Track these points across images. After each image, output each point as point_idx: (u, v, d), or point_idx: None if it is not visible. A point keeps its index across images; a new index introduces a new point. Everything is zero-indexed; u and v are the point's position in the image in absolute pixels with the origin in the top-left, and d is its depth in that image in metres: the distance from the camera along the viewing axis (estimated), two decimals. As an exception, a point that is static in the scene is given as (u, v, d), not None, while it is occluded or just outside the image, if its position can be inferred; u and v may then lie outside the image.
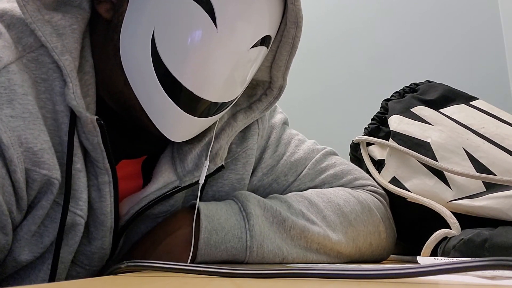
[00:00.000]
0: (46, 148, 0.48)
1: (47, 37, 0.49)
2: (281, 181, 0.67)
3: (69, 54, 0.49)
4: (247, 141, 0.64)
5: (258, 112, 0.62)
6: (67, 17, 0.51)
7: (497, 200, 0.60)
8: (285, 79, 0.61)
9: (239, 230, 0.54)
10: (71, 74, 0.49)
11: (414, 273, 0.29)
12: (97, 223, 0.52)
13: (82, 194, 0.50)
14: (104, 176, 0.51)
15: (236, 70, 0.52)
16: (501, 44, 1.23)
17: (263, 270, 0.35)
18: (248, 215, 0.55)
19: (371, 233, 0.65)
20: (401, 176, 0.71)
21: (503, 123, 0.71)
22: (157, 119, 0.52)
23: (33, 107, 0.47)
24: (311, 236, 0.58)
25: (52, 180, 0.47)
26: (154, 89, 0.50)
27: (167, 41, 0.49)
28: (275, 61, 0.59)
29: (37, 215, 0.48)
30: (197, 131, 0.56)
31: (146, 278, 0.36)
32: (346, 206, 0.64)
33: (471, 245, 0.54)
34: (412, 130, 0.73)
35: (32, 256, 0.48)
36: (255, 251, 0.54)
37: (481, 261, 0.28)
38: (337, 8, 1.40)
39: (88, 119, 0.48)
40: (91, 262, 0.53)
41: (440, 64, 1.27)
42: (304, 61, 1.41)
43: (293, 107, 1.39)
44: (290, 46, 0.58)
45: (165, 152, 0.59)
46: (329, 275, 0.32)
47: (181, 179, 0.57)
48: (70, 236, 0.50)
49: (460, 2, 1.28)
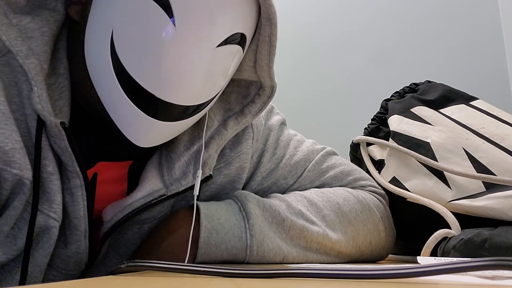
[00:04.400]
0: (18, 148, 0.47)
1: (11, 41, 0.48)
2: (281, 184, 0.67)
3: (35, 57, 0.49)
4: (241, 145, 0.63)
5: (250, 116, 0.60)
6: (36, 20, 0.50)
7: (497, 200, 0.60)
8: (272, 79, 0.59)
9: (239, 230, 0.54)
10: (36, 77, 0.48)
11: (414, 273, 0.29)
12: (71, 227, 0.51)
13: (55, 197, 0.49)
14: (75, 180, 0.51)
15: (199, 70, 0.48)
16: (501, 44, 1.23)
17: (263, 270, 0.35)
18: (247, 215, 0.55)
19: (370, 232, 0.65)
20: (401, 176, 0.72)
21: (503, 123, 0.72)
22: (121, 123, 0.49)
23: (5, 108, 0.47)
24: (310, 236, 0.58)
25: (24, 180, 0.47)
26: (115, 92, 0.47)
27: (124, 41, 0.46)
28: (257, 61, 0.57)
29: (10, 216, 0.48)
30: (167, 136, 0.53)
31: (146, 278, 0.36)
32: (346, 205, 0.64)
33: (471, 245, 0.54)
34: (412, 130, 0.73)
35: (5, 258, 0.48)
36: (255, 250, 0.54)
37: (481, 261, 0.28)
38: (337, 8, 1.40)
39: (52, 123, 0.48)
40: (67, 266, 0.53)
41: (440, 64, 1.27)
42: (304, 61, 1.42)
43: (293, 107, 1.39)
44: (268, 45, 0.55)
45: (153, 159, 0.57)
46: (329, 275, 0.32)
47: (167, 187, 0.55)
48: (44, 239, 0.50)
49: (460, 3, 1.28)
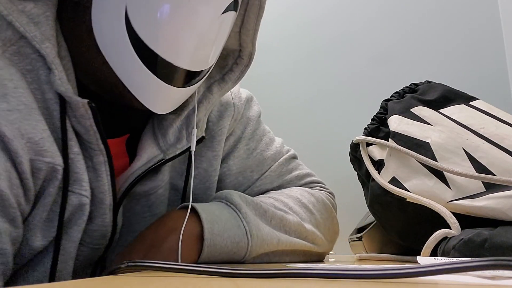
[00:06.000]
0: (46, 137, 0.49)
1: (25, 27, 0.49)
2: (247, 175, 0.72)
3: (48, 41, 0.50)
4: (223, 120, 0.68)
5: (231, 83, 0.64)
6: (39, 4, 0.51)
7: (497, 200, 0.60)
8: (254, 45, 0.63)
9: (235, 220, 0.57)
10: (54, 61, 0.50)
11: (414, 273, 0.29)
12: (97, 202, 0.54)
13: (83, 176, 0.52)
14: (99, 157, 0.53)
15: (209, 37, 0.52)
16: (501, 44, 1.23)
17: (263, 270, 0.35)
18: (237, 206, 0.58)
19: (328, 219, 0.72)
20: (401, 176, 0.71)
21: (502, 123, 0.71)
22: (139, 93, 0.52)
23: (27, 99, 0.48)
24: (289, 224, 0.63)
25: (56, 166, 0.49)
26: (133, 63, 0.50)
27: (140, 15, 0.49)
28: (244, 26, 0.61)
29: (46, 203, 0.50)
30: (178, 102, 0.57)
31: (146, 278, 0.36)
32: (304, 198, 0.70)
33: (471, 245, 0.54)
34: (412, 131, 0.73)
35: (46, 241, 0.51)
36: (255, 234, 0.57)
37: (481, 261, 0.28)
38: (337, 9, 1.40)
39: (80, 103, 0.50)
40: (93, 240, 0.56)
41: (440, 64, 1.27)
42: (303, 61, 1.42)
43: (293, 107, 1.39)
44: (257, 8, 0.59)
45: (146, 129, 0.61)
46: (329, 275, 0.32)
47: (164, 152, 0.59)
48: (77, 216, 0.52)
49: (460, 3, 1.28)
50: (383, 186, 0.71)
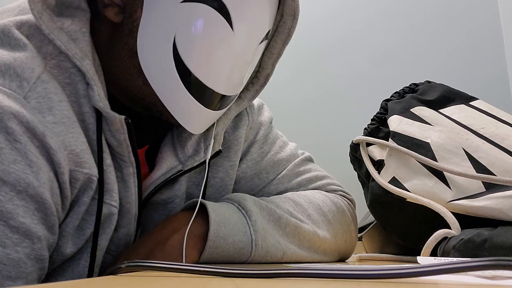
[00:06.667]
0: (85, 149, 0.51)
1: (66, 45, 0.51)
2: (263, 177, 0.73)
3: (87, 58, 0.52)
4: (238, 130, 0.70)
5: (247, 101, 0.67)
6: (75, 21, 0.53)
7: (497, 200, 0.60)
8: (273, 67, 0.65)
9: (243, 225, 0.57)
10: (94, 77, 0.52)
11: (414, 273, 0.29)
12: (123, 212, 0.56)
13: (114, 187, 0.54)
14: (129, 168, 0.56)
15: (248, 66, 0.58)
16: (501, 44, 1.23)
17: (263, 270, 0.35)
18: (248, 212, 0.58)
19: (345, 231, 0.71)
20: (401, 176, 0.71)
21: (502, 123, 0.71)
22: (179, 115, 0.56)
23: (69, 112, 0.50)
24: (303, 233, 0.63)
25: (92, 177, 0.51)
26: (177, 88, 0.54)
27: (188, 45, 0.52)
28: (269, 49, 0.64)
29: (79, 211, 0.52)
30: (211, 123, 0.61)
31: (146, 278, 0.36)
32: (325, 206, 0.69)
33: (471, 245, 0.54)
34: (412, 131, 0.73)
35: (75, 248, 0.52)
36: (260, 245, 0.57)
37: (481, 261, 0.28)
38: (337, 9, 1.40)
39: (117, 119, 0.53)
40: (118, 248, 0.58)
41: (440, 64, 1.27)
42: (304, 62, 1.41)
43: (293, 107, 1.39)
44: (285, 35, 0.62)
45: (165, 141, 0.63)
46: (329, 275, 0.32)
47: (183, 164, 0.62)
48: (106, 225, 0.54)
49: (460, 3, 1.28)
50: (383, 186, 0.71)
